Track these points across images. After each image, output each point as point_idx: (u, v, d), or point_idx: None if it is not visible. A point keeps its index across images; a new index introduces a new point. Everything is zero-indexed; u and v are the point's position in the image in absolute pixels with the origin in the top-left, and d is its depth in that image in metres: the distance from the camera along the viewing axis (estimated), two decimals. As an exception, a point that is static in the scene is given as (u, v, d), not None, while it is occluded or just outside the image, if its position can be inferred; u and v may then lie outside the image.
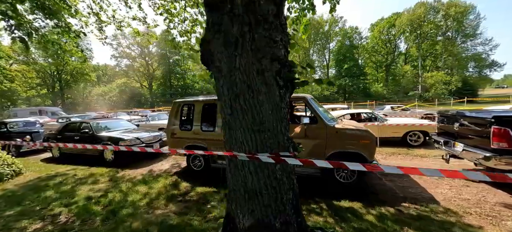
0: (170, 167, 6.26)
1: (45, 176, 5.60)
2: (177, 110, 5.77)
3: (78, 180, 5.22)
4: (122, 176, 5.46)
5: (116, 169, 6.02)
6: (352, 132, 4.29)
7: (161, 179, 5.11)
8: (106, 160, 6.86)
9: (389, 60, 50.88)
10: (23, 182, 5.14)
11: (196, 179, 5.01)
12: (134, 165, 6.48)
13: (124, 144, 6.59)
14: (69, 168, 6.37)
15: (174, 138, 5.73)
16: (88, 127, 7.27)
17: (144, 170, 6.00)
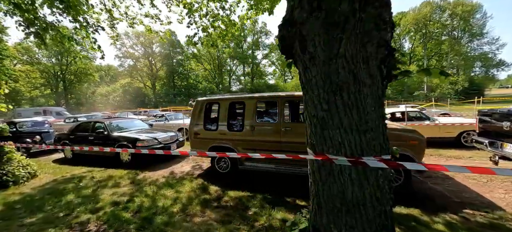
0: (191, 169, 5.95)
1: (62, 179, 5.29)
2: (200, 109, 5.45)
3: (98, 183, 4.91)
4: (143, 179, 5.14)
5: (135, 171, 5.71)
6: (400, 133, 3.96)
7: (186, 182, 4.80)
8: (122, 161, 6.55)
9: (393, 60, 50.42)
10: (40, 185, 4.83)
11: (223, 182, 4.70)
12: (152, 167, 6.17)
13: (142, 145, 6.29)
14: (85, 170, 6.06)
15: (197, 139, 5.41)
16: (102, 127, 6.96)
17: (165, 172, 5.69)
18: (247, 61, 51.84)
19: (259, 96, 4.99)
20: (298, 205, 3.51)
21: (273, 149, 4.65)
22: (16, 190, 4.49)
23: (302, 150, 4.58)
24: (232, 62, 53.65)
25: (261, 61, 54.59)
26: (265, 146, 4.73)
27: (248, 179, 4.90)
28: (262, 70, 56.21)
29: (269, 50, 53.58)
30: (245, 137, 4.90)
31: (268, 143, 4.70)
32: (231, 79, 55.15)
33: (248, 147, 4.89)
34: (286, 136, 4.57)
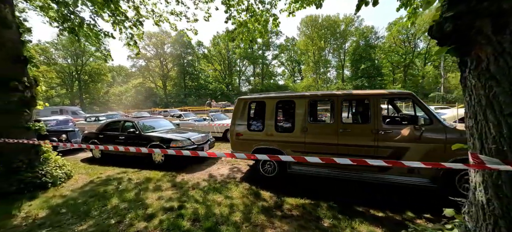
0: (230, 171, 5.60)
1: (98, 180, 5.03)
2: (243, 108, 5.10)
3: (137, 186, 4.61)
4: (183, 182, 4.82)
5: (171, 173, 5.40)
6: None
7: (232, 187, 4.45)
8: (155, 162, 6.27)
9: (407, 60, 49.15)
10: (78, 187, 4.57)
11: (272, 187, 4.33)
12: (187, 169, 5.86)
13: (176, 145, 5.99)
14: (118, 170, 5.80)
15: (240, 140, 5.06)
16: (133, 127, 6.71)
17: (203, 175, 5.36)
18: (257, 61, 51.55)
19: (311, 94, 4.59)
20: (376, 217, 3.09)
21: (328, 152, 4.26)
22: (56, 192, 4.24)
23: (363, 154, 4.20)
24: (241, 62, 53.49)
25: (271, 62, 54.23)
26: (319, 149, 4.33)
27: (296, 184, 4.50)
28: (272, 71, 55.83)
29: (280, 51, 53.18)
30: (296, 138, 4.51)
31: (323, 146, 4.30)
32: (241, 80, 55.01)
33: (299, 150, 4.50)
34: (344, 138, 4.15)
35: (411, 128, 3.82)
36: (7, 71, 4.20)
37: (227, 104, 21.33)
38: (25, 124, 4.45)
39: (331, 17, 48.49)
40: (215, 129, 10.26)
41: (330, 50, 52.47)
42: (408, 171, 3.90)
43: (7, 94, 4.18)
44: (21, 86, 4.27)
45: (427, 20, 42.11)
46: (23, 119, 4.43)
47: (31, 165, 4.33)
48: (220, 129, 10.27)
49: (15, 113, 4.29)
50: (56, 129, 9.46)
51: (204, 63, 51.36)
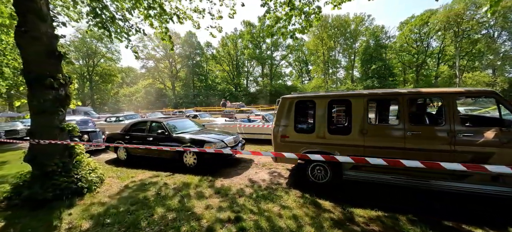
0: (270, 176, 5.18)
1: (133, 185, 4.68)
2: (289, 108, 4.67)
3: (177, 192, 4.23)
4: (225, 188, 4.42)
5: (207, 178, 5.01)
6: None
7: (281, 194, 4.03)
8: (186, 165, 5.89)
9: (420, 60, 47.97)
10: (114, 193, 4.22)
11: (326, 195, 3.91)
12: (223, 173, 5.47)
13: (211, 147, 5.60)
14: (150, 174, 5.44)
15: (285, 142, 4.63)
16: (162, 127, 6.36)
17: (243, 180, 4.95)
18: (266, 62, 51.17)
19: (370, 93, 4.14)
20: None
21: (393, 157, 3.78)
22: (93, 199, 3.89)
23: (435, 159, 3.73)
24: (249, 63, 53.20)
25: (279, 62, 53.77)
26: (381, 154, 3.86)
27: (353, 192, 4.05)
28: (280, 72, 55.37)
29: (288, 51, 52.67)
30: (354, 142, 4.05)
31: (387, 150, 3.84)
32: (249, 80, 54.71)
33: (356, 154, 4.04)
34: (412, 142, 3.68)
35: (496, 130, 3.32)
36: (42, 68, 3.88)
37: (242, 105, 20.98)
38: (59, 124, 4.13)
39: (341, 17, 47.72)
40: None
41: (340, 50, 51.64)
42: (491, 179, 3.41)
43: (42, 92, 3.86)
44: (56, 84, 3.95)
45: (441, 18, 41.04)
46: (57, 119, 4.11)
47: (65, 169, 3.99)
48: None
49: (50, 112, 3.96)
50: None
51: (213, 64, 51.28)
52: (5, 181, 5.34)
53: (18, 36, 3.78)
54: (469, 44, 41.78)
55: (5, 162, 7.73)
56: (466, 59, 44.66)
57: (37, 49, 3.84)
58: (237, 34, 51.15)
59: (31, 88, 3.86)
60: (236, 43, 51.02)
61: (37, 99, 3.82)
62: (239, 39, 51.27)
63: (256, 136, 9.63)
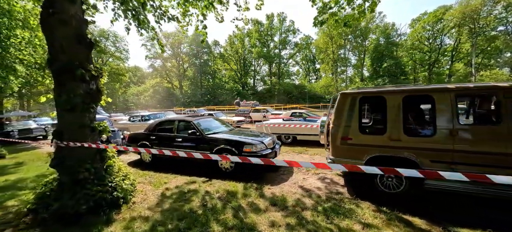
0: (323, 183, 4.53)
1: (171, 193, 4.07)
2: (351, 105, 4.00)
3: (225, 202, 3.60)
4: (279, 198, 3.77)
5: (252, 184, 4.36)
6: None
7: (351, 206, 3.39)
8: (222, 170, 5.27)
9: (432, 58, 46.59)
10: (154, 204, 3.61)
11: (403, 206, 3.26)
12: (266, 178, 4.84)
13: (251, 150, 4.97)
14: (184, 179, 4.83)
15: (347, 145, 3.96)
16: (192, 127, 5.75)
17: (293, 187, 4.31)
18: (274, 60, 50.42)
19: (458, 87, 3.43)
20: None
21: (492, 164, 3.09)
22: (132, 212, 3.29)
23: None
24: (256, 62, 52.52)
25: (288, 61, 52.96)
26: (475, 159, 3.17)
27: (437, 203, 3.36)
28: (288, 70, 54.57)
29: (297, 49, 51.79)
30: (438, 145, 3.36)
31: (484, 156, 3.14)
32: (255, 79, 54.06)
33: (442, 160, 3.36)
34: (523, 146, 2.97)
35: None
36: (71, 56, 3.29)
37: (256, 104, 20.33)
38: (90, 123, 3.54)
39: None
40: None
41: (350, 48, 50.55)
42: None
43: (72, 85, 3.27)
44: (87, 75, 3.36)
45: (456, 15, 39.67)
46: (88, 117, 3.52)
47: (98, 176, 3.40)
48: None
49: (81, 109, 3.37)
50: (93, 129, 8.69)
51: (220, 63, 50.76)
52: (24, 186, 4.80)
53: (44, 19, 3.19)
54: (485, 41, 40.31)
55: (21, 164, 7.23)
56: (481, 56, 43.19)
57: (66, 34, 3.25)
58: (244, 32, 50.56)
59: (59, 81, 3.27)
60: (243, 42, 50.40)
61: (66, 93, 3.22)
62: (247, 38, 50.64)
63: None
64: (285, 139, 9.02)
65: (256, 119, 17.34)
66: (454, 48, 44.70)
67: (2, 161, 7.69)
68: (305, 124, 8.71)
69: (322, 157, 6.69)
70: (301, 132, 8.69)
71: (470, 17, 38.50)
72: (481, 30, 39.59)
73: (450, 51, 45.51)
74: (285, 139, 9.03)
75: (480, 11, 37.91)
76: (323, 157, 6.73)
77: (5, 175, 5.89)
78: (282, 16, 48.23)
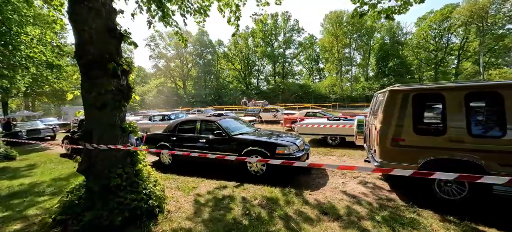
0: (366, 187, 4.17)
1: (205, 200, 3.71)
2: (403, 103, 3.63)
3: (270, 211, 3.25)
4: (326, 205, 3.42)
5: (290, 189, 4.00)
6: None
7: (413, 216, 3.03)
8: (252, 173, 4.91)
9: (439, 56, 46.02)
10: (190, 213, 3.25)
11: (470, 215, 2.90)
12: (301, 183, 4.50)
13: (284, 152, 4.62)
14: (214, 184, 4.48)
15: (399, 147, 3.59)
16: (217, 127, 5.40)
17: (334, 193, 3.95)
18: (278, 59, 50.01)
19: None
20: None
21: None
22: (171, 223, 2.93)
23: None
24: (260, 61, 52.14)
25: (292, 60, 52.52)
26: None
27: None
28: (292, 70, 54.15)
29: (301, 49, 51.31)
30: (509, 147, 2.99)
31: None
32: (259, 79, 53.70)
33: (516, 163, 2.98)
34: None
35: None
36: (102, 48, 2.95)
37: (266, 103, 19.95)
38: (120, 123, 3.20)
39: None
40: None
41: (355, 47, 50.03)
42: None
43: (103, 80, 2.92)
44: (119, 70, 3.01)
45: (464, 13, 39.09)
46: (119, 117, 3.18)
47: (130, 182, 3.05)
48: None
49: (112, 107, 3.03)
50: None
51: (224, 62, 50.44)
52: (42, 191, 4.47)
53: (73, 7, 2.85)
54: (493, 40, 39.69)
55: (33, 166, 6.92)
56: (488, 55, 42.56)
57: (96, 24, 2.91)
58: (248, 32, 50.21)
59: (88, 75, 2.92)
60: (247, 41, 50.08)
61: (96, 89, 2.88)
62: (250, 37, 50.30)
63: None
64: (332, 141, 8.12)
65: (266, 119, 16.98)
66: (460, 46, 44.12)
67: (13, 163, 7.39)
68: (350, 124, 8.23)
69: (351, 158, 6.32)
70: (352, 133, 8.10)
71: (478, 15, 37.91)
72: (489, 28, 39.00)
73: (457, 50, 44.93)
74: (332, 141, 8.13)
75: (489, 9, 37.33)
76: (352, 158, 6.37)
77: (19, 178, 5.58)
78: (286, 15, 47.86)
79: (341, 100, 42.83)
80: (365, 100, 41.67)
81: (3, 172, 6.30)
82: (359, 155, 6.58)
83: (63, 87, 28.13)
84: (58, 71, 12.32)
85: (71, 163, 7.06)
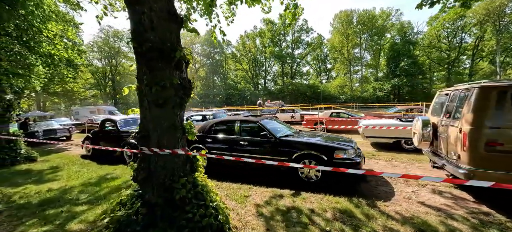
0: (445, 198, 3.62)
1: (266, 212, 3.22)
2: (500, 102, 3.09)
3: (353, 227, 2.74)
4: (413, 219, 2.89)
5: (359, 200, 3.49)
6: None
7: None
8: (305, 180, 4.41)
9: (452, 56, 44.87)
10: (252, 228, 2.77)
11: None
12: (361, 192, 3.96)
13: (343, 157, 4.11)
14: (267, 192, 3.98)
15: (497, 152, 3.05)
16: (262, 129, 4.91)
17: (410, 203, 3.45)
18: (286, 60, 49.41)
19: None
20: None
21: None
22: (245, 243, 2.45)
23: None
24: (267, 62, 51.62)
25: (301, 60, 51.86)
26: None
27: None
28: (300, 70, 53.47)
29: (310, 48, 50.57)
30: None
31: None
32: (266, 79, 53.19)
33: None
34: None
35: None
36: (163, 36, 2.50)
37: (282, 104, 19.44)
38: (180, 123, 2.73)
39: (368, 11, 45.33)
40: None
41: (365, 47, 49.13)
42: None
43: (165, 73, 2.47)
44: (184, 60, 2.55)
45: (480, 11, 38.00)
46: (179, 116, 2.71)
47: (195, 194, 2.58)
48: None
49: (173, 104, 2.57)
50: (127, 130, 8.01)
51: (232, 63, 50.10)
52: (76, 199, 4.03)
53: (130, -13, 2.40)
54: (509, 39, 38.44)
55: (56, 168, 6.54)
56: (503, 55, 41.24)
57: (157, 6, 2.45)
58: (255, 32, 49.77)
59: (150, 67, 2.47)
60: (255, 41, 49.67)
61: (160, 83, 2.41)
62: (258, 37, 49.86)
63: None
64: (407, 145, 7.13)
65: (283, 120, 16.45)
66: (475, 46, 42.87)
67: (35, 165, 7.03)
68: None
69: (402, 162, 5.77)
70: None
71: (495, 13, 36.76)
72: (505, 27, 37.82)
73: (471, 49, 43.68)
74: (407, 145, 7.13)
75: (506, 8, 36.17)
76: (403, 162, 5.82)
77: (45, 183, 5.18)
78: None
79: (351, 101, 42.03)
80: (376, 101, 40.80)
81: (27, 175, 5.93)
82: (408, 159, 6.03)
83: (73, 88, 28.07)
84: (74, 71, 12.04)
85: (95, 166, 6.69)
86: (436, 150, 4.36)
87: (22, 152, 7.18)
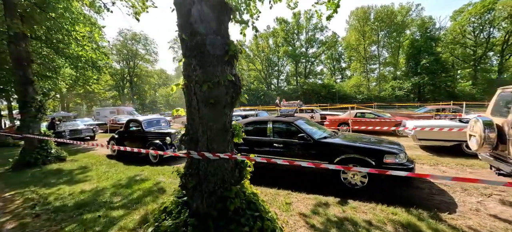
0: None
1: (317, 223, 2.91)
2: None
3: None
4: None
5: (418, 211, 3.08)
6: None
7: None
8: (348, 186, 4.04)
9: (478, 52, 42.17)
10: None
11: None
12: (422, 203, 3.53)
13: (394, 162, 3.71)
14: (309, 199, 3.67)
15: None
16: (298, 130, 4.60)
17: (477, 216, 3.01)
18: (300, 59, 48.67)
19: None
20: None
21: None
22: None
23: None
24: (280, 61, 51.09)
25: (315, 60, 50.91)
26: None
27: None
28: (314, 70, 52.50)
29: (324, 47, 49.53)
30: None
31: None
32: (279, 79, 52.66)
33: None
34: None
35: None
36: (217, 29, 2.25)
37: (300, 104, 18.94)
38: (230, 124, 2.48)
39: (386, 7, 43.65)
40: None
41: (383, 44, 47.32)
42: None
43: (218, 69, 2.22)
44: (237, 56, 2.30)
45: (510, 3, 35.39)
46: (229, 117, 2.46)
47: (247, 203, 2.32)
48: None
49: (224, 104, 2.32)
50: (152, 130, 7.98)
51: (245, 63, 50.07)
52: (110, 202, 3.91)
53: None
54: (544, 32, 35.49)
55: (85, 168, 6.57)
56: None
57: (208, -3, 2.21)
58: (269, 31, 49.43)
59: (201, 62, 2.23)
60: (268, 41, 49.32)
61: (212, 80, 2.17)
62: (271, 37, 49.49)
63: None
64: (469, 149, 6.02)
65: (302, 120, 16.00)
66: (505, 41, 39.97)
67: (65, 164, 7.12)
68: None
69: (448, 168, 5.24)
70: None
71: (528, 5, 34.09)
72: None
73: (500, 45, 40.78)
74: (469, 149, 6.06)
75: (541, -2, 33.42)
76: (448, 165, 5.29)
77: (77, 183, 5.16)
78: (309, 13, 46.43)
79: (368, 100, 40.58)
80: (395, 100, 39.14)
81: (59, 175, 5.98)
82: (455, 163, 5.48)
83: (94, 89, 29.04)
84: (98, 72, 12.30)
85: (122, 166, 6.67)
86: (501, 155, 3.85)
87: (52, 151, 7.32)
